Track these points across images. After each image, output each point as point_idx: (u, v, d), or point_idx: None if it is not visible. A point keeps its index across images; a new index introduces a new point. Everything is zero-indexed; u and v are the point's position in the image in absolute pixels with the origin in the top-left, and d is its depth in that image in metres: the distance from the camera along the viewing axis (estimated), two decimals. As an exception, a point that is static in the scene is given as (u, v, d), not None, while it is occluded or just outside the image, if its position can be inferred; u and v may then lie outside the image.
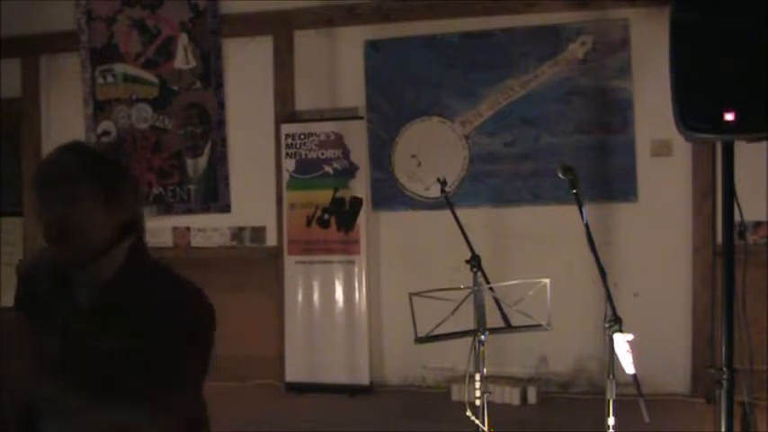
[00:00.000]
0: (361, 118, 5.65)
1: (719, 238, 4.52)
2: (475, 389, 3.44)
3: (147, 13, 5.97)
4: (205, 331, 1.68)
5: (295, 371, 5.64)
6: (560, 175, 3.15)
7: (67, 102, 6.21)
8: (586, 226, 3.01)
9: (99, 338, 1.58)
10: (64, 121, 6.23)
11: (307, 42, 5.80)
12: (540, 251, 5.27)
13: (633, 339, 2.73)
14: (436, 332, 3.28)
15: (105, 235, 1.64)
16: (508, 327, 3.50)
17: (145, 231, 1.76)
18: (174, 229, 6.09)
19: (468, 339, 3.42)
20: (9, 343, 1.48)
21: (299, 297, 5.67)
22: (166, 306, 1.61)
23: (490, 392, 3.59)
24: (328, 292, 5.62)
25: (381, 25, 5.62)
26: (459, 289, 3.43)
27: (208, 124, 5.95)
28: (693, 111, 2.99)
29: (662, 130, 4.86)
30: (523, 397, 5.15)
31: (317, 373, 5.58)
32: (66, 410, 1.57)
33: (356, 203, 5.58)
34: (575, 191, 3.06)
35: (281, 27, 5.81)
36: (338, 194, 5.61)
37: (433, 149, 5.57)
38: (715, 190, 4.93)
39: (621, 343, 2.72)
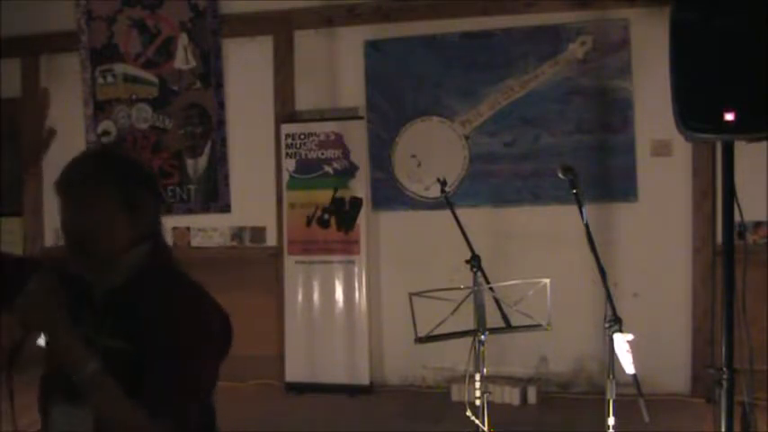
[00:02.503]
0: (361, 118, 5.65)
1: (719, 238, 4.51)
2: (475, 389, 3.44)
3: (147, 13, 5.97)
4: (207, 341, 1.66)
5: (295, 371, 5.64)
6: (560, 175, 3.15)
7: (67, 102, 6.21)
8: (586, 226, 3.01)
9: (104, 337, 1.58)
10: (64, 121, 6.23)
11: (307, 42, 5.80)
12: (540, 251, 5.27)
13: (633, 339, 2.73)
14: (436, 332, 3.28)
15: (124, 242, 1.65)
16: (508, 327, 3.50)
17: (163, 232, 1.77)
18: (174, 229, 6.08)
19: (468, 339, 3.42)
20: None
21: (299, 297, 5.67)
22: (170, 311, 1.60)
23: (490, 392, 3.59)
24: (328, 292, 5.62)
25: (381, 25, 5.62)
26: (460, 289, 3.43)
27: (208, 124, 5.95)
28: (693, 111, 2.98)
29: (662, 130, 4.86)
30: (523, 397, 5.15)
31: (317, 373, 5.58)
32: (71, 400, 1.57)
33: (356, 203, 5.58)
34: (575, 191, 3.07)
35: (281, 27, 5.81)
36: (338, 194, 5.61)
37: (433, 149, 5.57)
38: (715, 190, 4.93)
39: (621, 343, 2.72)
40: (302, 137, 5.69)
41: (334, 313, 5.60)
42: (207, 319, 1.67)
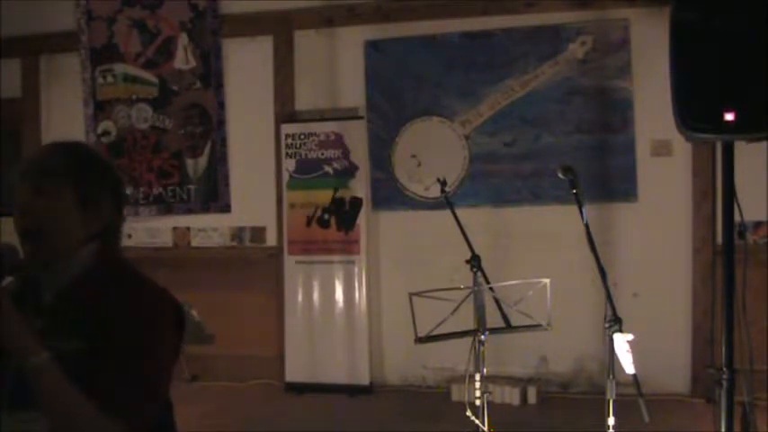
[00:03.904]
0: (361, 118, 5.66)
1: (719, 238, 4.52)
2: (475, 389, 3.44)
3: (147, 13, 5.97)
4: (164, 334, 1.63)
5: (295, 371, 5.64)
6: (560, 175, 3.16)
7: (67, 102, 6.21)
8: (586, 226, 3.01)
9: (55, 338, 1.54)
10: (64, 121, 6.23)
11: (307, 42, 5.80)
12: (540, 251, 5.27)
13: (633, 339, 2.73)
14: (436, 332, 3.28)
15: (76, 237, 1.63)
16: (508, 327, 3.50)
17: (121, 237, 1.74)
18: (174, 229, 6.09)
19: (468, 339, 3.42)
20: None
21: (299, 297, 5.67)
22: (125, 310, 1.57)
23: (490, 392, 3.59)
24: (328, 292, 5.62)
25: (381, 25, 5.62)
26: (460, 289, 3.43)
27: (208, 124, 5.95)
28: (693, 111, 2.98)
29: (662, 130, 4.86)
30: (523, 397, 5.15)
31: (317, 373, 5.58)
32: (26, 406, 1.53)
33: (356, 203, 5.58)
34: (575, 191, 3.07)
35: (281, 27, 5.81)
36: (338, 194, 5.61)
37: (433, 149, 5.57)
38: (715, 190, 4.92)
39: (621, 343, 2.72)
40: (302, 137, 5.69)
41: (334, 313, 5.59)
42: (162, 317, 1.65)
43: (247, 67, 5.90)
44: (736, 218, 3.09)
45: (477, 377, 3.44)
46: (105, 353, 1.52)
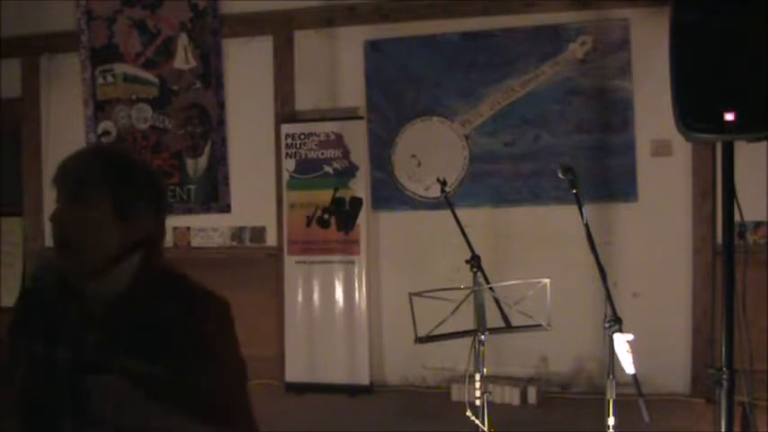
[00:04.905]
0: (361, 118, 5.65)
1: (719, 238, 4.51)
2: (475, 389, 3.44)
3: (147, 13, 5.97)
4: (227, 332, 1.67)
5: (295, 371, 5.64)
6: (560, 175, 3.16)
7: (67, 102, 6.21)
8: (586, 226, 3.02)
9: (116, 353, 1.51)
10: (64, 121, 6.23)
11: (307, 42, 5.80)
12: (540, 251, 5.27)
13: (633, 339, 2.73)
14: (436, 332, 3.28)
15: (114, 246, 1.58)
16: (508, 327, 3.50)
17: (164, 237, 1.70)
18: (174, 229, 6.08)
19: (468, 339, 3.42)
20: None
21: (299, 297, 5.67)
22: (183, 315, 1.56)
23: (490, 392, 3.60)
24: (328, 292, 5.62)
25: (381, 25, 5.62)
26: (460, 289, 3.43)
27: (208, 124, 5.95)
28: (693, 111, 2.99)
29: (662, 130, 4.86)
30: (523, 397, 5.15)
31: (317, 373, 5.58)
32: (84, 417, 1.52)
33: (356, 203, 5.58)
34: (575, 191, 3.07)
35: (281, 27, 5.81)
36: (338, 194, 5.61)
37: (433, 149, 5.57)
38: (715, 190, 4.91)
39: (621, 343, 2.73)
40: (302, 137, 5.69)
41: (334, 313, 5.59)
42: (219, 316, 1.67)
43: (247, 67, 5.90)
44: (737, 218, 3.09)
45: (477, 377, 3.44)
46: (170, 367, 1.51)
